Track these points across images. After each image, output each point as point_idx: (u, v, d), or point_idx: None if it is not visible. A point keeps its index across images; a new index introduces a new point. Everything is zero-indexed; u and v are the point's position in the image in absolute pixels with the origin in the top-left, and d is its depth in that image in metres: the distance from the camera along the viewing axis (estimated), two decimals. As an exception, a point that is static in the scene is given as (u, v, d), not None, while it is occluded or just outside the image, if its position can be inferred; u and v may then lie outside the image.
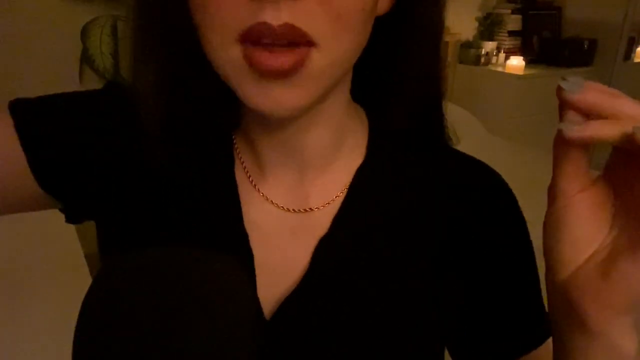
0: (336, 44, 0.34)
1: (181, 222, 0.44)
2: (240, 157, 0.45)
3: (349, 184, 0.45)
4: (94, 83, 1.87)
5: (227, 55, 0.34)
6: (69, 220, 0.49)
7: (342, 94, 0.43)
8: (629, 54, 3.22)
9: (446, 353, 0.49)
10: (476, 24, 3.05)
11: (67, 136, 0.44)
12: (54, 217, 0.52)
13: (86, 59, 1.79)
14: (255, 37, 0.32)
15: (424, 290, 0.44)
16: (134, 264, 0.35)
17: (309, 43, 0.33)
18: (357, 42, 0.36)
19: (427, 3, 0.41)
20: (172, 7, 0.37)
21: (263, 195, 0.44)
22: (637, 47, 3.29)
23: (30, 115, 0.44)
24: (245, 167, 0.45)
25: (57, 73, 1.83)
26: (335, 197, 0.44)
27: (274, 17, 0.31)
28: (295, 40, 0.32)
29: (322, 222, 0.44)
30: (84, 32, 1.75)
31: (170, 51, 0.40)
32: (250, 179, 0.45)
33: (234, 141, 0.46)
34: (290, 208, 0.44)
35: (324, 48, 0.33)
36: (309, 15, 0.32)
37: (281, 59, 0.32)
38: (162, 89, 0.41)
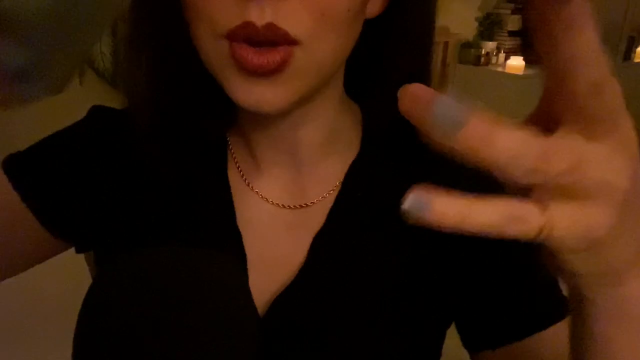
0: (319, 44, 0.34)
1: (174, 224, 0.45)
2: (234, 156, 0.46)
3: (343, 178, 0.45)
4: (94, 83, 1.87)
5: (214, 50, 0.35)
6: (80, 250, 0.50)
7: (335, 91, 0.44)
8: (628, 54, 3.23)
9: (445, 349, 0.49)
10: (476, 24, 3.06)
11: (64, 180, 0.46)
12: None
13: (86, 59, 1.79)
14: (241, 37, 0.33)
15: (420, 281, 0.44)
16: (132, 264, 0.35)
17: (292, 42, 0.33)
18: (341, 43, 0.36)
19: (419, 7, 0.42)
20: (164, 4, 0.38)
21: (258, 194, 0.45)
22: (637, 47, 3.29)
23: (26, 173, 0.46)
24: (239, 166, 0.46)
25: (57, 73, 1.83)
26: (330, 191, 0.45)
27: (259, 17, 0.32)
28: (277, 40, 0.33)
29: (317, 217, 0.44)
30: (84, 32, 1.75)
31: (162, 48, 0.40)
32: (244, 178, 0.45)
33: (228, 140, 0.46)
34: (286, 204, 0.44)
35: (307, 47, 0.34)
36: (292, 16, 0.33)
37: (267, 58, 0.33)
38: (154, 86, 0.41)
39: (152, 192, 0.45)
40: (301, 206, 0.44)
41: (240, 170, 0.45)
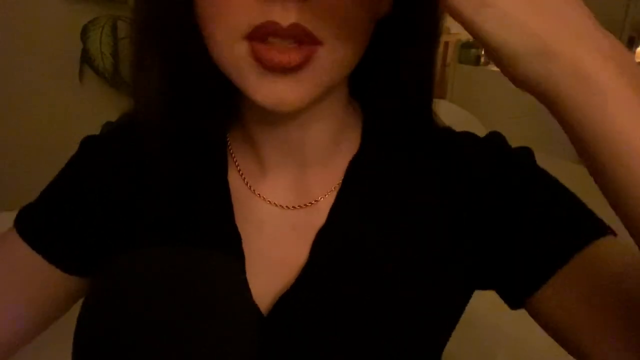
0: (340, 44, 0.35)
1: (174, 228, 0.45)
2: (235, 160, 0.46)
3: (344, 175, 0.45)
4: (94, 83, 1.87)
5: (232, 51, 0.35)
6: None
7: (342, 92, 0.44)
8: (629, 54, 3.22)
9: (445, 350, 0.49)
10: (476, 24, 3.06)
11: (71, 222, 0.47)
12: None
13: (86, 59, 1.79)
14: (262, 35, 0.33)
15: (425, 278, 0.44)
16: (131, 264, 0.35)
17: (315, 41, 0.34)
18: (359, 44, 0.37)
19: (426, 7, 0.42)
20: (176, 3, 0.38)
21: (260, 196, 0.44)
22: (637, 47, 3.29)
23: (37, 231, 0.47)
24: (240, 170, 0.45)
25: (57, 73, 1.82)
26: (333, 187, 0.45)
27: (283, 17, 0.32)
28: (301, 39, 0.33)
29: (321, 214, 0.44)
30: (84, 32, 1.75)
31: (171, 50, 0.40)
32: (246, 182, 0.45)
33: (229, 144, 0.46)
34: (290, 205, 0.44)
35: (329, 47, 0.34)
36: (315, 16, 0.33)
37: (291, 55, 0.33)
38: (162, 88, 0.41)
39: (152, 197, 0.45)
40: (305, 205, 0.44)
41: (241, 172, 0.45)
